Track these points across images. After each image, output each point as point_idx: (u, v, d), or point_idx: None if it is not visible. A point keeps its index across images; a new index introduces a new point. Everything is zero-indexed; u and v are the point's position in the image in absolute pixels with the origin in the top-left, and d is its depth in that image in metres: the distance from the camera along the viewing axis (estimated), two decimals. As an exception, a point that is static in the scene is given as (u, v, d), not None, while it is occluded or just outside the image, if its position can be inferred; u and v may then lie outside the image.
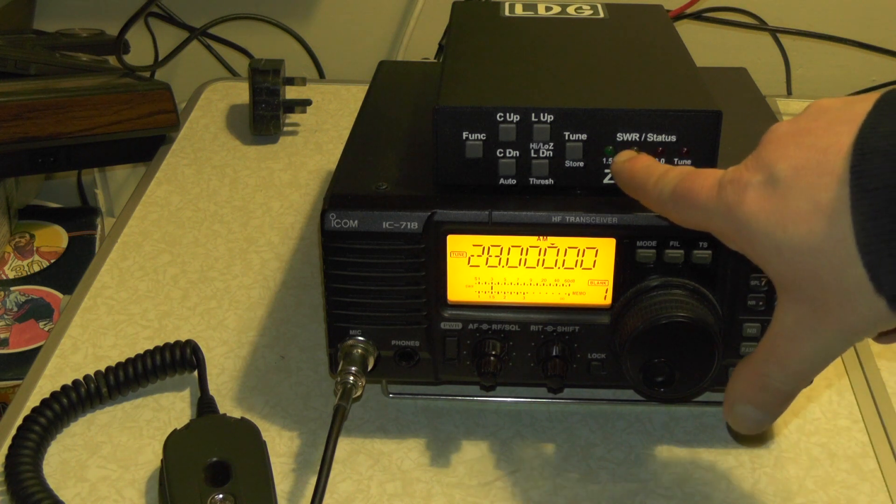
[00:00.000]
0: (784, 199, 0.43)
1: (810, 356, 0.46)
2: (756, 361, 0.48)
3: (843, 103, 0.45)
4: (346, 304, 0.58)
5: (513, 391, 0.64)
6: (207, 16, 1.11)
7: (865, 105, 0.43)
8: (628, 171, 0.54)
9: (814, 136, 0.44)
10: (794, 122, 0.46)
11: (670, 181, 0.50)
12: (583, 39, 0.65)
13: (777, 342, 0.47)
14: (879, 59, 1.10)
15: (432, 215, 0.56)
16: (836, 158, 0.42)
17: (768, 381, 0.48)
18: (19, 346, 0.84)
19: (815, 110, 0.46)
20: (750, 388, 0.49)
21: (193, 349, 0.65)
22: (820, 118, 0.45)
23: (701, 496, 0.58)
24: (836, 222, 0.42)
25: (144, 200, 0.85)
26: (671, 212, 0.50)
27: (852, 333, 0.44)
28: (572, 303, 0.58)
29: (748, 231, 0.45)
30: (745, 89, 0.71)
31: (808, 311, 0.45)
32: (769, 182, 0.44)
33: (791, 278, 0.44)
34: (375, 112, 0.68)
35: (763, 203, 0.44)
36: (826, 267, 0.43)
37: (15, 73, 0.87)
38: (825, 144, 0.43)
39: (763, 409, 0.49)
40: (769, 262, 0.45)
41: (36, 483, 0.56)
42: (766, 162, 0.45)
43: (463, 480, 0.59)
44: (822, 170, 0.42)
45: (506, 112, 0.55)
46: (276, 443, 0.61)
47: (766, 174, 0.44)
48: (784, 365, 0.47)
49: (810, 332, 0.45)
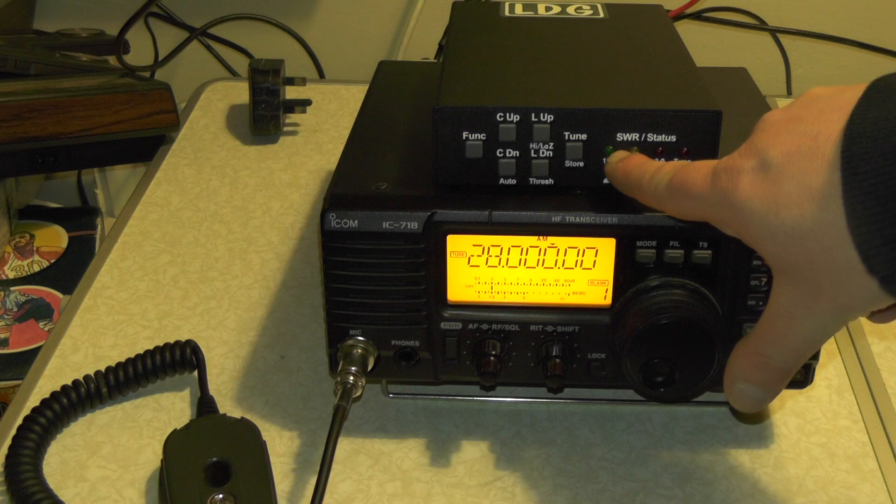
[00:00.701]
0: (776, 184, 0.44)
1: (806, 335, 0.47)
2: (754, 342, 0.50)
3: (834, 91, 0.46)
4: (346, 304, 0.58)
5: (513, 391, 0.64)
6: (207, 16, 1.11)
7: (855, 92, 0.44)
8: (622, 170, 0.54)
9: (805, 123, 0.45)
10: (787, 110, 0.47)
11: (665, 175, 0.50)
12: (583, 39, 0.65)
13: (774, 322, 0.48)
14: (879, 59, 1.10)
15: (432, 215, 0.56)
16: (827, 144, 0.43)
17: (767, 360, 0.49)
18: (19, 346, 0.84)
19: (807, 98, 0.47)
20: (749, 367, 0.50)
21: (193, 349, 0.65)
22: (811, 105, 0.46)
23: (701, 496, 0.58)
24: (827, 206, 0.43)
25: (144, 200, 0.85)
26: (668, 205, 0.51)
27: (846, 312, 0.46)
28: (572, 303, 0.58)
29: (743, 216, 0.46)
30: (745, 89, 0.71)
31: (803, 291, 0.46)
32: (762, 168, 0.45)
33: (786, 261, 0.46)
34: (375, 112, 0.68)
35: (756, 188, 0.45)
36: (818, 249, 0.44)
37: (15, 73, 0.87)
38: (816, 131, 0.44)
39: (763, 387, 0.50)
40: (764, 245, 0.46)
41: (36, 483, 0.56)
42: (758, 148, 0.46)
43: (463, 480, 0.59)
44: (814, 155, 0.43)
45: (506, 112, 0.55)
46: (276, 443, 0.61)
47: (759, 160, 0.45)
48: (781, 344, 0.48)
49: (805, 312, 0.46)
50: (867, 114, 0.43)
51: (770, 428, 0.62)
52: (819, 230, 0.43)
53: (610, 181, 0.56)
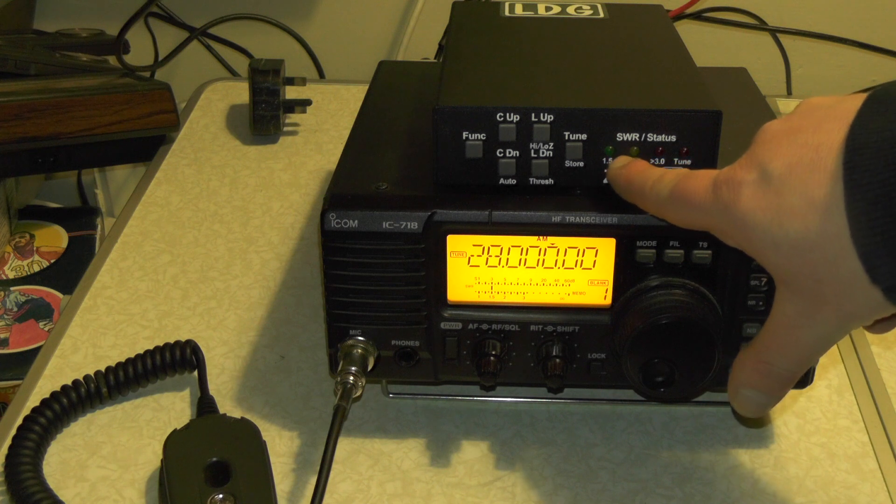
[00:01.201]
0: (778, 195, 0.44)
1: (810, 343, 0.48)
2: (758, 350, 0.50)
3: (833, 101, 0.46)
4: (345, 304, 0.58)
5: (513, 391, 0.64)
6: (207, 16, 1.11)
7: (855, 102, 0.44)
8: (625, 176, 0.54)
9: (805, 134, 0.45)
10: (786, 121, 0.47)
11: (667, 184, 0.51)
12: (583, 39, 0.65)
13: (777, 331, 0.48)
14: (879, 59, 1.10)
15: (432, 215, 0.56)
16: (828, 155, 0.43)
17: (771, 368, 0.50)
18: (19, 346, 0.84)
19: (806, 108, 0.47)
20: (754, 375, 0.51)
21: (193, 349, 0.65)
22: (810, 116, 0.46)
23: (701, 496, 0.58)
24: (830, 217, 0.43)
25: (144, 200, 0.85)
26: (669, 213, 0.51)
27: (850, 321, 0.46)
28: (572, 303, 0.58)
29: (745, 228, 0.46)
30: (745, 89, 0.71)
31: (806, 301, 0.46)
32: (763, 180, 0.45)
33: (789, 272, 0.46)
34: (375, 112, 0.68)
35: (758, 200, 0.45)
36: (822, 261, 0.44)
37: (15, 73, 0.87)
38: (817, 142, 0.44)
39: (767, 393, 0.51)
40: (767, 256, 0.46)
41: (36, 483, 0.56)
42: (759, 160, 0.46)
43: (463, 480, 0.59)
44: (815, 167, 0.43)
45: (506, 112, 0.55)
46: (276, 443, 0.61)
47: (760, 172, 0.45)
48: (785, 353, 0.49)
49: (808, 321, 0.47)
50: (868, 124, 0.42)
51: (770, 428, 0.62)
52: (823, 241, 0.43)
53: (612, 186, 0.56)
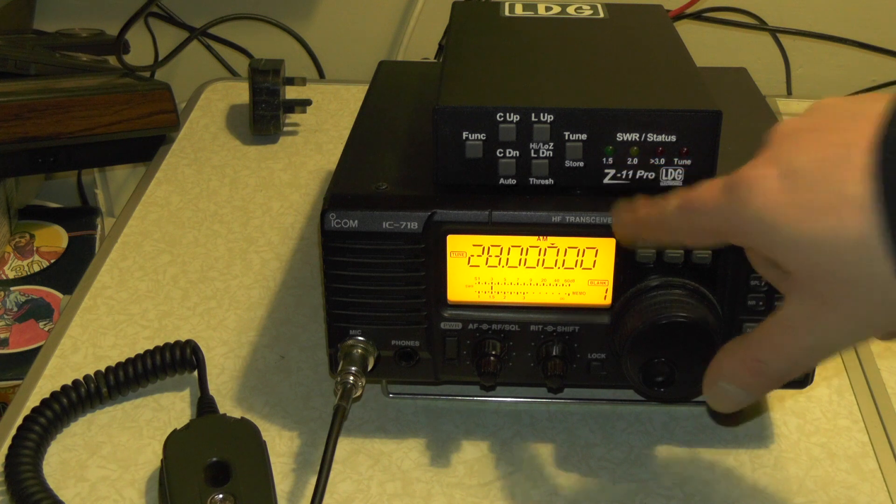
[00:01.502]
0: (807, 191, 0.43)
1: (811, 347, 0.46)
2: (751, 346, 0.48)
3: (853, 100, 0.45)
4: (345, 304, 0.58)
5: (513, 391, 0.64)
6: (207, 16, 1.11)
7: (881, 103, 0.43)
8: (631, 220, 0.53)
9: (831, 133, 0.43)
10: (803, 120, 0.45)
11: (671, 201, 0.49)
12: (583, 39, 0.65)
13: (778, 330, 0.47)
14: (879, 59, 1.10)
15: (432, 215, 0.56)
16: (859, 153, 0.42)
17: (763, 367, 0.48)
18: (19, 346, 0.84)
19: (823, 108, 0.46)
20: (741, 370, 0.49)
21: (193, 349, 0.65)
22: (830, 115, 0.45)
23: (701, 496, 0.58)
24: (861, 216, 0.42)
25: (144, 200, 0.85)
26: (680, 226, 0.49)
27: (862, 327, 0.44)
28: (572, 303, 0.58)
29: (762, 225, 0.44)
30: (745, 89, 0.71)
31: (817, 303, 0.44)
32: (787, 175, 0.44)
33: (804, 271, 0.44)
34: (375, 112, 0.68)
35: (781, 196, 0.44)
36: (848, 259, 0.42)
37: (15, 73, 0.87)
38: (846, 140, 0.43)
39: (748, 391, 0.49)
40: (784, 255, 0.44)
41: (36, 483, 0.56)
42: (780, 157, 0.44)
43: (463, 480, 0.59)
44: (846, 164, 0.42)
45: (506, 112, 0.55)
46: (276, 443, 0.61)
47: (784, 168, 0.44)
48: (782, 353, 0.47)
49: (815, 324, 0.45)
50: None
51: (770, 428, 0.62)
52: (854, 239, 0.42)
53: (620, 239, 0.55)
